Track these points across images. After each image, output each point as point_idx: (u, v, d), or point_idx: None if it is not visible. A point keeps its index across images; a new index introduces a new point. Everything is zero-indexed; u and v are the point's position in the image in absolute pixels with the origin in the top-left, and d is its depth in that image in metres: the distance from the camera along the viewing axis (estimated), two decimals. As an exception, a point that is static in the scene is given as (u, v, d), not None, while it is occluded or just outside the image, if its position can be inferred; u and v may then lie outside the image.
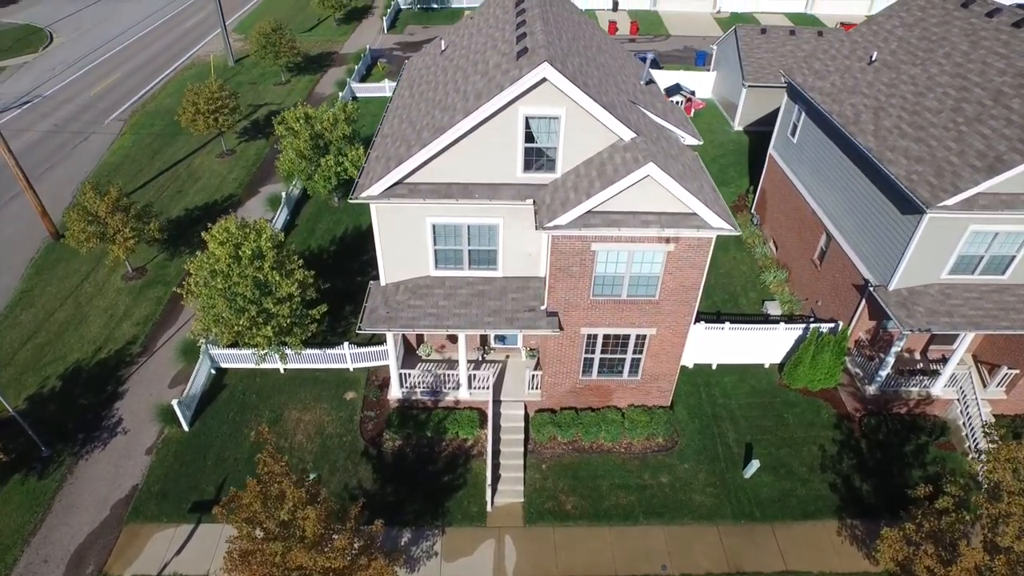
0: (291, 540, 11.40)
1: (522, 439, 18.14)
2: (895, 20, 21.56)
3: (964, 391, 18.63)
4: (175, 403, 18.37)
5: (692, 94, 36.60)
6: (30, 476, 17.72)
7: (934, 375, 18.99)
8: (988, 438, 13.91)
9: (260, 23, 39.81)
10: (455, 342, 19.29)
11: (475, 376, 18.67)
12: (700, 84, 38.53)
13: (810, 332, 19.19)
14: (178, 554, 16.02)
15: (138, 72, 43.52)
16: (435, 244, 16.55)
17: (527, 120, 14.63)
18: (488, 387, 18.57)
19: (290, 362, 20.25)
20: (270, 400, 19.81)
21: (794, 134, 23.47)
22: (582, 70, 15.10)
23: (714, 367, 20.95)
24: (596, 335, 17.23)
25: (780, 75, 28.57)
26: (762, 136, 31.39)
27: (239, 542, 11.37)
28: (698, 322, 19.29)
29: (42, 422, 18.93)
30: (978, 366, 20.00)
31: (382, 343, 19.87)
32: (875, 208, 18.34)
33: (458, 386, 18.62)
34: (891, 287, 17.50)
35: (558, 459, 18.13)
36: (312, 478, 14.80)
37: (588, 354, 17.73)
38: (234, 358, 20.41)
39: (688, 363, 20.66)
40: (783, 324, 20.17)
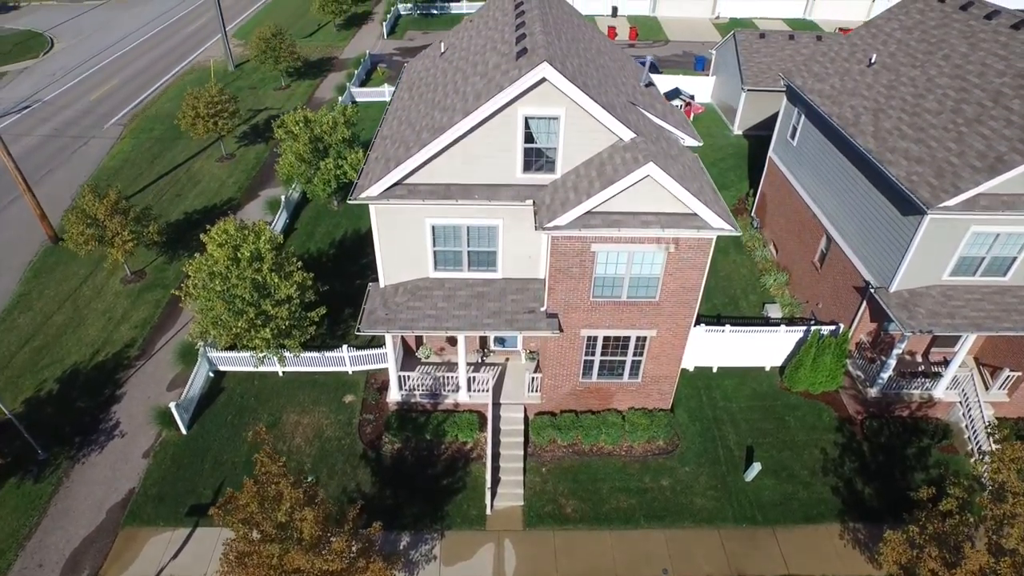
0: (288, 542, 11.28)
1: (522, 442, 18.02)
2: (894, 23, 21.59)
3: (966, 393, 18.53)
4: (173, 406, 18.26)
5: (691, 98, 36.67)
6: (26, 480, 17.59)
7: (936, 377, 18.90)
8: (992, 438, 13.78)
9: (260, 28, 39.92)
10: (454, 345, 19.20)
11: (475, 379, 18.56)
12: (699, 89, 38.59)
13: (811, 335, 19.11)
14: (174, 558, 15.88)
15: (138, 77, 43.61)
16: (434, 245, 16.48)
17: (527, 120, 14.59)
18: (488, 390, 18.47)
19: (289, 365, 20.18)
20: (268, 403, 19.71)
21: (794, 137, 23.46)
22: (581, 70, 15.08)
23: (715, 370, 20.86)
24: (596, 337, 17.15)
25: (779, 79, 28.60)
26: (761, 140, 31.42)
27: (236, 544, 11.25)
28: (698, 324, 19.23)
29: (39, 425, 18.82)
30: (980, 368, 19.90)
31: (381, 346, 19.78)
32: (875, 210, 18.29)
33: (457, 389, 18.52)
34: (892, 289, 17.43)
35: (558, 462, 18.02)
36: (310, 480, 14.69)
37: (588, 356, 17.64)
38: (232, 361, 20.32)
39: (689, 366, 20.57)
40: (784, 327, 20.10)
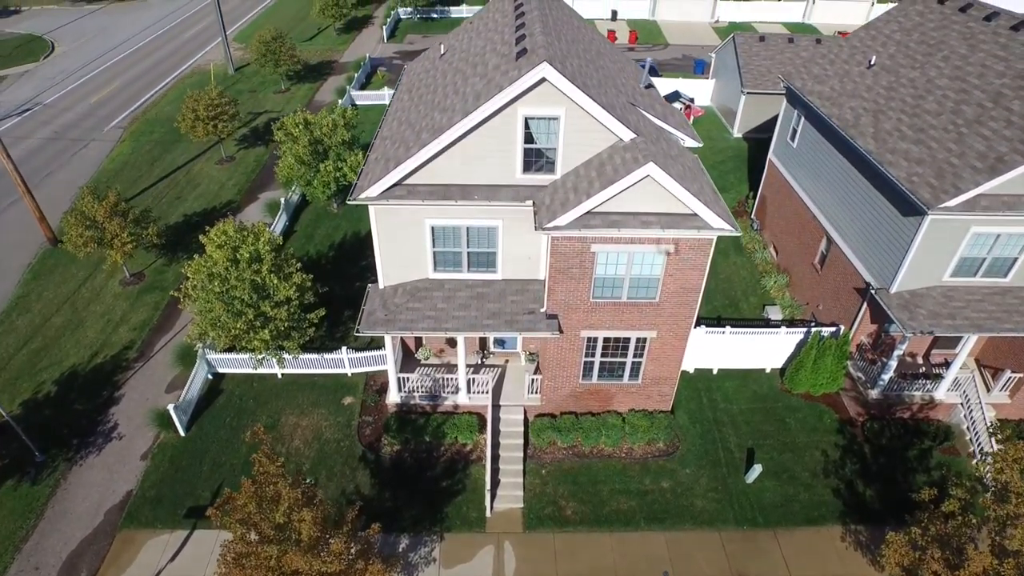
0: (287, 543, 11.20)
1: (522, 444, 17.94)
2: (893, 25, 21.61)
3: (968, 395, 18.46)
4: (171, 408, 18.18)
5: (691, 101, 36.71)
6: (23, 482, 17.50)
7: (937, 379, 18.83)
8: (995, 437, 13.70)
9: (260, 31, 39.99)
10: (454, 346, 19.14)
11: (474, 380, 18.50)
12: (699, 92, 38.63)
13: (811, 336, 19.04)
14: (172, 560, 15.78)
15: (138, 81, 43.66)
16: (434, 246, 16.44)
17: (526, 121, 14.57)
18: (487, 391, 18.41)
19: (288, 367, 20.12)
20: (267, 405, 19.63)
21: (794, 139, 23.45)
22: (581, 71, 15.07)
23: (715, 372, 20.79)
24: (596, 338, 17.09)
25: (779, 82, 28.63)
26: (761, 143, 31.43)
27: (233, 545, 11.17)
28: (699, 326, 19.17)
29: (36, 427, 18.73)
30: (981, 370, 19.84)
31: (380, 347, 19.73)
32: (876, 211, 18.26)
33: (457, 390, 18.44)
34: (893, 290, 17.39)
35: (558, 464, 17.93)
36: (308, 482, 14.58)
37: (588, 358, 17.58)
38: (231, 363, 20.26)
39: (689, 368, 20.50)
40: (784, 328, 20.05)
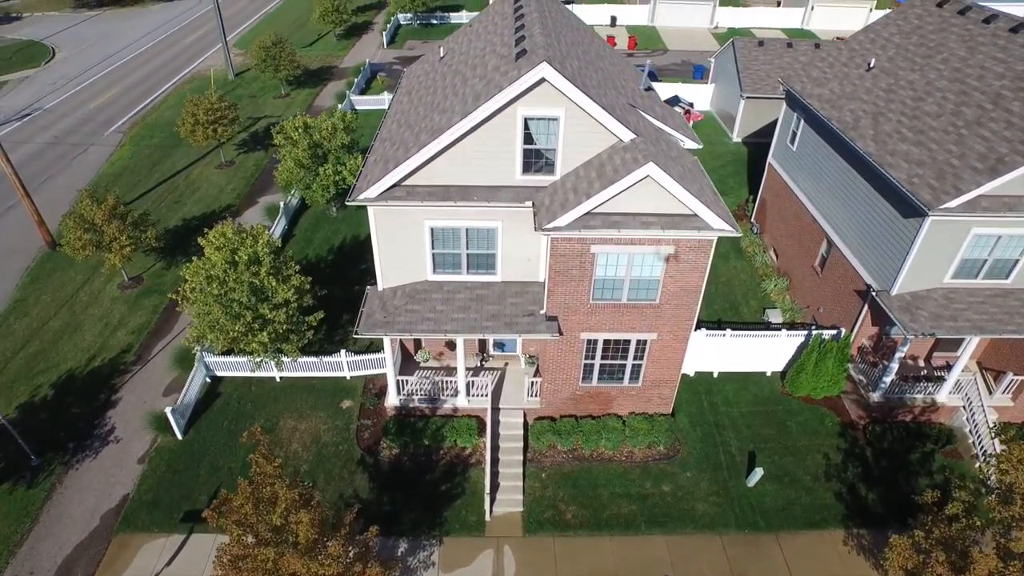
0: (284, 546, 11.06)
1: (521, 447, 17.81)
2: (892, 28, 21.64)
3: (970, 398, 18.37)
4: (168, 411, 18.05)
5: (691, 106, 36.74)
6: (19, 486, 17.34)
7: (939, 382, 18.73)
8: (999, 439, 13.59)
9: (261, 37, 40.09)
10: (453, 349, 19.04)
11: (473, 383, 18.39)
12: (698, 96, 38.68)
13: (812, 339, 18.95)
14: (168, 565, 15.62)
15: (138, 86, 43.72)
16: (433, 248, 16.37)
17: (526, 121, 14.53)
18: (487, 394, 18.29)
19: (286, 370, 20.01)
20: (265, 408, 19.50)
21: (793, 142, 23.44)
22: (581, 72, 15.05)
23: (715, 375, 20.68)
24: (596, 340, 16.99)
25: (778, 86, 28.69)
26: (761, 147, 31.43)
27: (230, 547, 11.03)
28: (699, 329, 19.08)
29: (33, 431, 18.59)
30: (983, 373, 19.73)
31: (379, 351, 19.62)
32: (876, 213, 18.22)
33: (456, 393, 18.33)
34: (894, 292, 17.32)
35: (558, 467, 17.80)
36: (304, 484, 14.43)
37: (588, 360, 17.48)
38: (229, 366, 20.15)
39: (689, 371, 20.39)
40: (785, 331, 19.96)
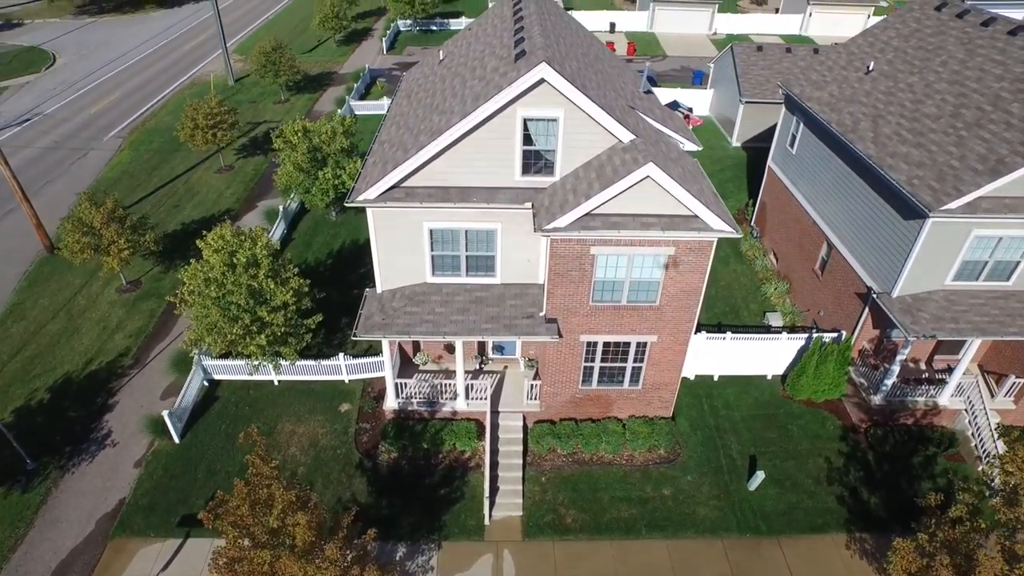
0: (280, 548, 10.94)
1: (521, 451, 17.69)
2: (891, 31, 21.69)
3: (972, 401, 18.27)
4: (166, 414, 17.93)
5: (690, 111, 36.82)
6: (14, 490, 17.20)
7: (940, 384, 18.64)
8: (1003, 439, 13.49)
9: (261, 43, 40.18)
10: (452, 352, 18.95)
11: (473, 386, 18.28)
12: (698, 102, 38.75)
13: (813, 342, 18.86)
14: (164, 569, 15.45)
15: (138, 92, 43.78)
16: (432, 250, 16.30)
17: (525, 122, 14.50)
18: (486, 398, 18.17)
19: (284, 373, 19.91)
20: (263, 412, 19.38)
21: (793, 145, 23.44)
22: (580, 73, 15.04)
23: (716, 378, 20.58)
24: (596, 343, 16.90)
25: (777, 90, 28.72)
26: (760, 151, 31.45)
27: (226, 550, 10.90)
28: (699, 332, 19.00)
29: (29, 435, 18.45)
30: (985, 376, 19.63)
31: (378, 354, 19.52)
32: (876, 215, 18.18)
33: (455, 396, 18.22)
34: (895, 294, 17.25)
35: (558, 471, 17.67)
36: (301, 487, 14.31)
37: (588, 363, 17.38)
38: (227, 369, 20.04)
39: (689, 374, 20.29)
40: (785, 334, 19.87)
